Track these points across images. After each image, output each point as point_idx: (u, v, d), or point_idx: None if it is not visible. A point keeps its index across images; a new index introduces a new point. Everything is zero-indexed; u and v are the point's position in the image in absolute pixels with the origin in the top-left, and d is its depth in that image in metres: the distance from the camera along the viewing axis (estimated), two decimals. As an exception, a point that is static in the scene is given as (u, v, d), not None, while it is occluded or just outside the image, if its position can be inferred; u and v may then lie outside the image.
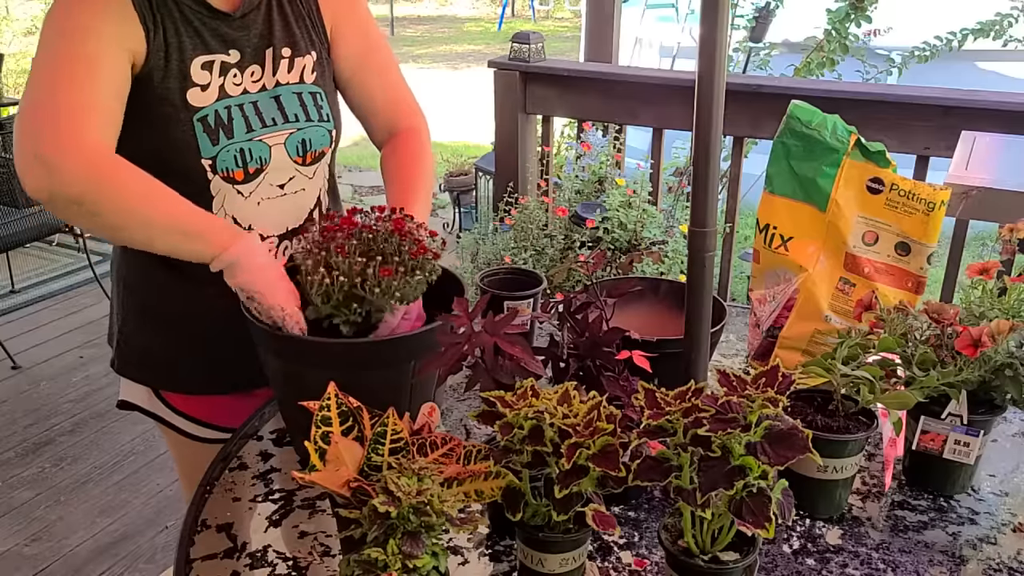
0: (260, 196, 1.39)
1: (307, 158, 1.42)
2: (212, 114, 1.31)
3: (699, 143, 1.15)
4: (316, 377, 1.14)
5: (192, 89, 1.30)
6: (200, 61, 1.31)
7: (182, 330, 1.48)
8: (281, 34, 1.39)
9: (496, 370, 1.15)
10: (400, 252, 1.23)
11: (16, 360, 4.02)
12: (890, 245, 1.47)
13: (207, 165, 1.32)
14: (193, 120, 1.30)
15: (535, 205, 3.02)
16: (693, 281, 1.21)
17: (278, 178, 1.40)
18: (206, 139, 1.31)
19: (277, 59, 1.38)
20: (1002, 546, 1.18)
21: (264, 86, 1.37)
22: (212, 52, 1.32)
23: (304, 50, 1.41)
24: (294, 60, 1.40)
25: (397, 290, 1.21)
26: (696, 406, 0.95)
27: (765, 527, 0.91)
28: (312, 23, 1.44)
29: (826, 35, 3.64)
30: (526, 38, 3.21)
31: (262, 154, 1.36)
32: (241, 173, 1.35)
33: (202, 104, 1.31)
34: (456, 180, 5.22)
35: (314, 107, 1.42)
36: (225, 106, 1.33)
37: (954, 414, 1.22)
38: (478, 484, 0.99)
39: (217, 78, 1.32)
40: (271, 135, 1.37)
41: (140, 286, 1.48)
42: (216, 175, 1.33)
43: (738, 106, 2.20)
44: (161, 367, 1.52)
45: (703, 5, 1.11)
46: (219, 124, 1.32)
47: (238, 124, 1.34)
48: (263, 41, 1.37)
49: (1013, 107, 2.57)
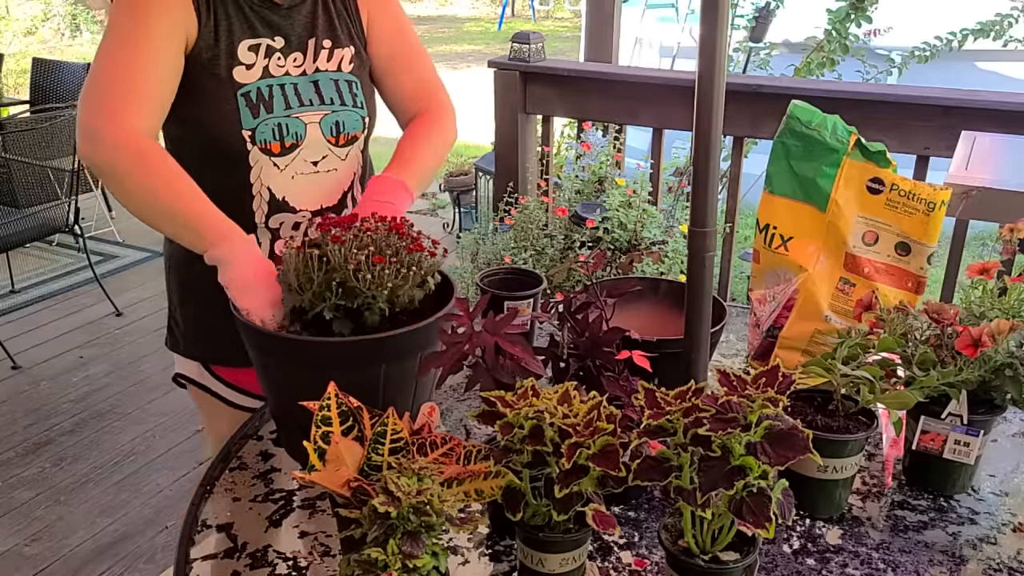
0: (295, 170, 1.48)
1: (340, 139, 1.52)
2: (255, 91, 1.43)
3: (699, 143, 1.15)
4: (288, 373, 1.14)
5: (238, 67, 1.42)
6: (248, 44, 1.43)
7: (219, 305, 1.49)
8: (324, 27, 1.51)
9: (496, 370, 1.15)
10: (397, 250, 1.24)
11: (16, 360, 4.02)
12: (890, 245, 1.47)
13: (247, 136, 1.42)
14: (237, 95, 1.42)
15: (535, 205, 3.01)
16: (693, 281, 1.21)
17: (312, 155, 1.49)
18: (247, 112, 1.42)
19: (319, 49, 1.50)
20: (1002, 546, 1.18)
21: (304, 71, 1.48)
22: (259, 36, 1.44)
23: (344, 43, 1.53)
24: (334, 51, 1.52)
25: (389, 280, 1.21)
26: (696, 406, 0.95)
27: (765, 527, 0.91)
28: (351, 19, 1.56)
29: (826, 35, 3.64)
30: (526, 38, 3.21)
31: (298, 130, 1.46)
32: (277, 146, 1.45)
33: (246, 81, 1.43)
34: (456, 180, 5.22)
35: (349, 94, 1.52)
36: (267, 84, 1.44)
37: (954, 414, 1.22)
38: (478, 484, 0.99)
39: (263, 60, 1.44)
40: (307, 113, 1.47)
41: (181, 265, 1.59)
42: (255, 146, 1.43)
43: (738, 106, 2.20)
44: (205, 342, 1.64)
45: (703, 5, 1.11)
46: (260, 100, 1.43)
47: (278, 101, 1.45)
48: (306, 32, 1.49)
49: (1013, 107, 2.57)
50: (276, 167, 1.47)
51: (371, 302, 1.23)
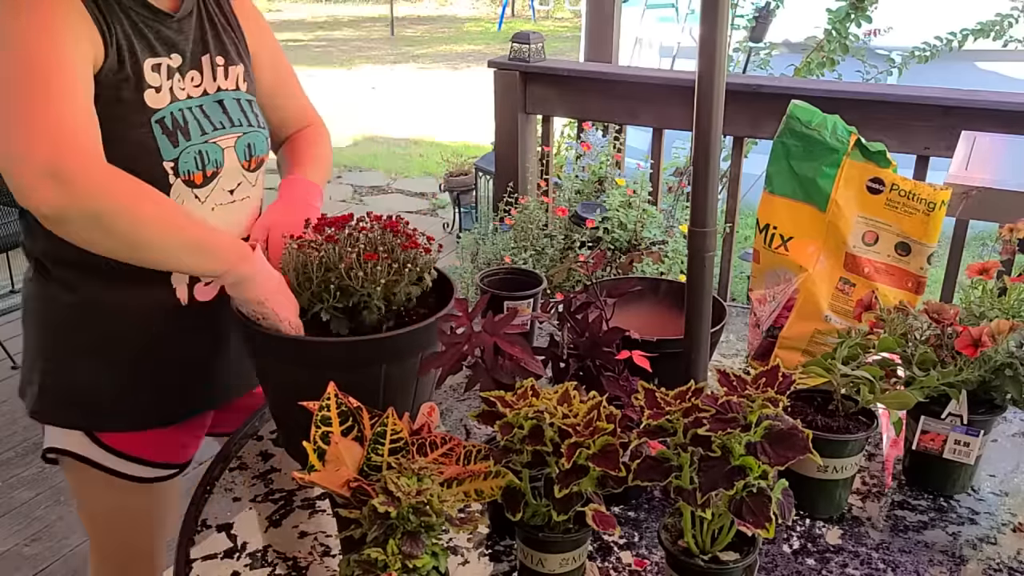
0: (214, 202, 1.35)
1: (252, 163, 1.40)
2: (168, 116, 1.27)
3: (699, 143, 1.15)
4: (289, 374, 1.14)
5: (148, 90, 1.26)
6: (151, 63, 1.27)
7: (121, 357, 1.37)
8: (214, 42, 1.37)
9: (496, 370, 1.15)
10: (392, 248, 1.24)
11: (16, 360, 4.01)
12: (890, 245, 1.47)
13: (169, 168, 1.27)
14: (151, 122, 1.26)
15: (535, 205, 3.01)
16: (693, 281, 1.21)
17: (229, 183, 1.37)
18: (166, 141, 1.27)
19: (214, 66, 1.36)
20: (1002, 546, 1.18)
21: (206, 91, 1.35)
22: (159, 55, 1.28)
23: (235, 60, 1.40)
24: (228, 68, 1.39)
25: (382, 277, 1.21)
26: (696, 406, 0.95)
27: (765, 527, 0.91)
28: (237, 36, 1.43)
29: (826, 35, 3.64)
30: (526, 38, 3.21)
31: (217, 156, 1.33)
32: (200, 176, 1.31)
33: (158, 106, 1.27)
34: (456, 180, 5.22)
35: (252, 113, 1.41)
36: (179, 108, 1.29)
37: (954, 414, 1.22)
38: (478, 484, 0.99)
39: (166, 81, 1.29)
40: (222, 137, 1.35)
41: (67, 317, 1.35)
42: (178, 179, 1.28)
43: (738, 106, 2.19)
44: (97, 404, 1.38)
45: (703, 5, 1.11)
46: (176, 126, 1.28)
47: (193, 126, 1.30)
48: (199, 47, 1.35)
49: (1013, 107, 2.57)
50: (197, 199, 1.32)
51: (367, 300, 1.23)
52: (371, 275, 1.21)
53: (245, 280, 1.23)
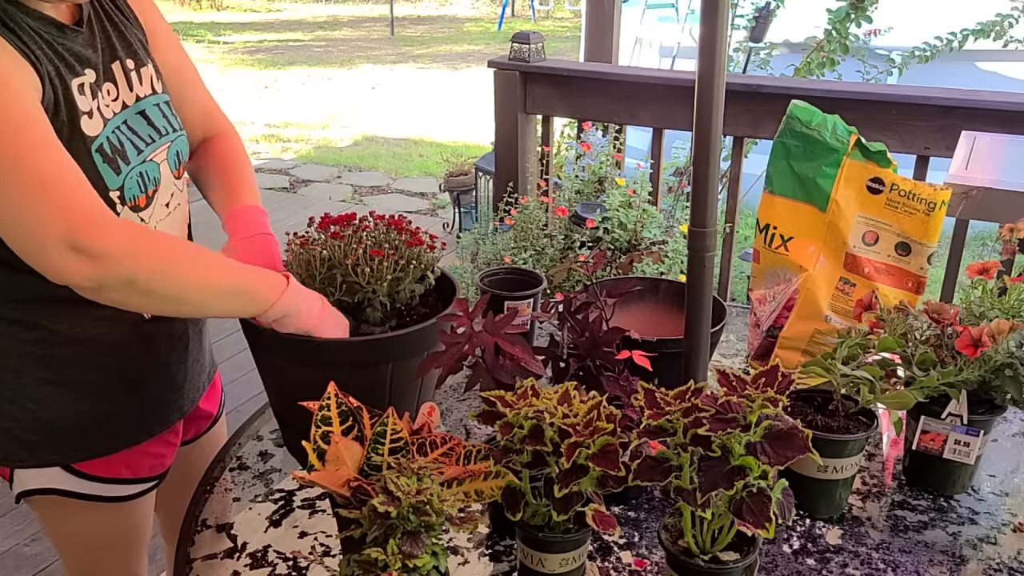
0: (155, 220, 1.28)
1: (181, 170, 1.34)
2: (105, 142, 1.19)
3: (699, 143, 1.15)
4: (296, 373, 1.14)
5: (83, 118, 1.16)
6: (75, 84, 1.16)
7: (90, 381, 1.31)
8: (120, 43, 1.27)
9: (496, 370, 1.15)
10: (397, 245, 1.25)
11: None
12: (890, 245, 1.47)
13: (115, 198, 1.20)
14: (92, 152, 1.16)
15: (535, 205, 3.02)
16: (693, 281, 1.21)
17: (165, 197, 1.30)
18: (108, 170, 1.18)
19: (126, 71, 1.26)
20: (1002, 546, 1.18)
21: (124, 103, 1.25)
22: (78, 74, 1.17)
23: (144, 59, 1.30)
24: (140, 71, 1.29)
25: (388, 273, 1.21)
26: (696, 406, 0.95)
27: (765, 527, 0.91)
28: (139, 31, 1.33)
29: (826, 35, 3.64)
30: (526, 38, 3.21)
31: (155, 174, 1.27)
32: (144, 198, 1.25)
33: (94, 133, 1.18)
34: (456, 180, 5.21)
35: (172, 116, 1.33)
36: (112, 131, 1.21)
37: (954, 414, 1.22)
38: (478, 484, 0.99)
39: (92, 100, 1.18)
40: (155, 152, 1.27)
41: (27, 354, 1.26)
42: (124, 206, 1.21)
43: (738, 106, 2.20)
44: (70, 435, 1.32)
45: (703, 5, 1.11)
46: (115, 151, 1.20)
47: (129, 147, 1.22)
48: (107, 55, 1.24)
49: (1013, 107, 2.57)
50: (143, 222, 1.25)
51: (371, 296, 1.23)
52: (377, 271, 1.21)
53: (288, 316, 1.20)
